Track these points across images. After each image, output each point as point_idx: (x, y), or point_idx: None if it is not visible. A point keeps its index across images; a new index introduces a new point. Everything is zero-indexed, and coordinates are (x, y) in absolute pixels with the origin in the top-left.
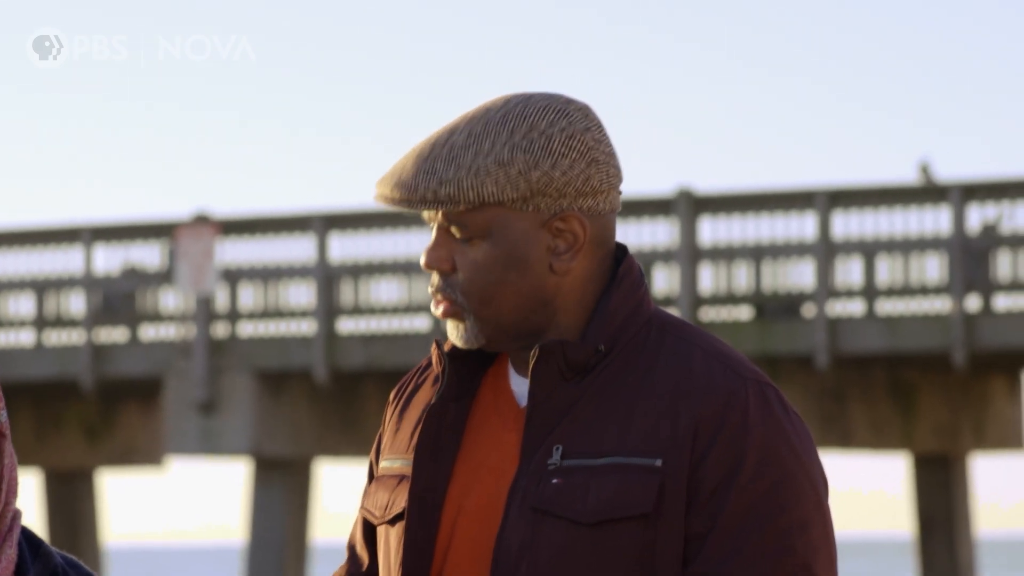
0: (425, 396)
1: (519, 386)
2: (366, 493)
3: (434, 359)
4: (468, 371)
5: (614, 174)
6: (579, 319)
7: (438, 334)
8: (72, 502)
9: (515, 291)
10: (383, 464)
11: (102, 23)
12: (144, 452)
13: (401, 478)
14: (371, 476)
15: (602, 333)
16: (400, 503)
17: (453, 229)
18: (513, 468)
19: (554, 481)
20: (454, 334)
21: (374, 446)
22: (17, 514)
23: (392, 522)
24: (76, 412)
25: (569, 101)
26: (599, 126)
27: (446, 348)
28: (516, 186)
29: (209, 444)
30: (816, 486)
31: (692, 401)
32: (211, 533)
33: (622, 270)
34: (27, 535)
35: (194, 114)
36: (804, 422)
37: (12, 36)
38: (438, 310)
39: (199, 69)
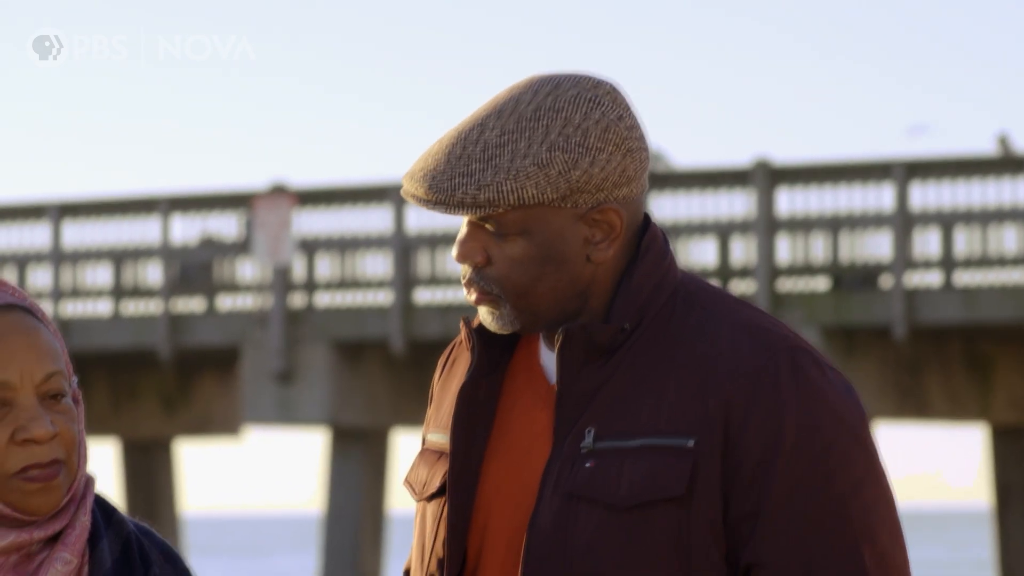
0: (462, 368)
1: (550, 362)
2: (412, 466)
3: (463, 336)
4: (498, 346)
5: (645, 157)
6: (607, 298)
7: None
8: (149, 472)
9: (553, 284)
10: (428, 437)
11: (102, 23)
12: (221, 422)
13: (440, 454)
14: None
15: (627, 311)
16: (436, 481)
17: (487, 224)
18: (546, 450)
19: (587, 465)
20: (488, 320)
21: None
22: (90, 481)
23: (428, 499)
24: (153, 382)
25: (597, 84)
26: (628, 109)
27: (475, 324)
28: (556, 187)
29: (286, 414)
30: (864, 443)
31: (721, 379)
32: (288, 503)
33: (645, 241)
34: (100, 502)
35: (272, 85)
36: (843, 376)
37: (14, 35)
38: (471, 297)
39: (280, 41)
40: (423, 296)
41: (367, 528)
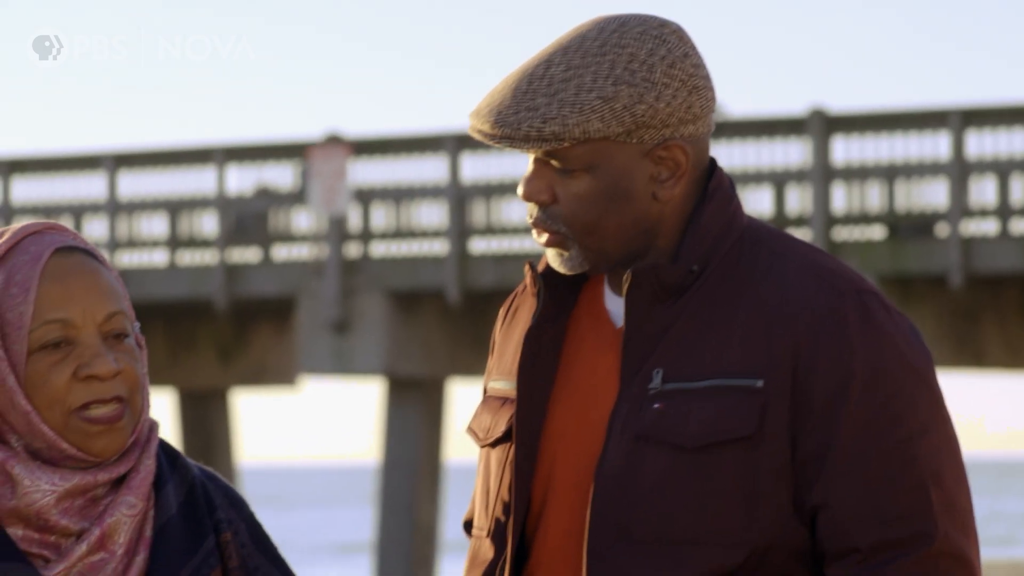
0: (525, 316)
1: (615, 305)
2: (475, 414)
3: (528, 281)
4: (563, 291)
5: (711, 97)
6: (674, 239)
7: None
8: (206, 422)
9: (619, 221)
10: (490, 384)
11: (102, 23)
12: (277, 372)
13: (504, 400)
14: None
15: (695, 253)
16: (500, 427)
17: (553, 161)
18: (612, 392)
19: (655, 406)
20: (556, 261)
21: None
22: (154, 425)
23: (493, 445)
24: (209, 332)
25: (663, 24)
26: (694, 49)
27: (540, 269)
28: (621, 121)
29: (342, 364)
30: (930, 386)
31: (789, 321)
32: (344, 453)
33: (712, 185)
34: (165, 447)
35: (327, 36)
36: (909, 320)
37: (14, 35)
38: (541, 239)
39: None
40: (478, 245)
41: (424, 478)
